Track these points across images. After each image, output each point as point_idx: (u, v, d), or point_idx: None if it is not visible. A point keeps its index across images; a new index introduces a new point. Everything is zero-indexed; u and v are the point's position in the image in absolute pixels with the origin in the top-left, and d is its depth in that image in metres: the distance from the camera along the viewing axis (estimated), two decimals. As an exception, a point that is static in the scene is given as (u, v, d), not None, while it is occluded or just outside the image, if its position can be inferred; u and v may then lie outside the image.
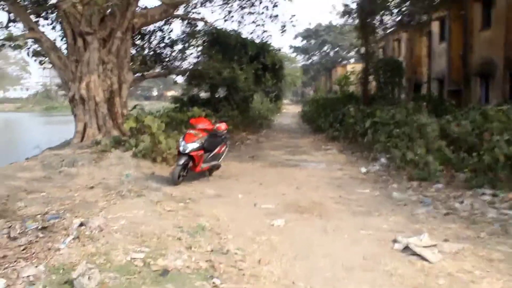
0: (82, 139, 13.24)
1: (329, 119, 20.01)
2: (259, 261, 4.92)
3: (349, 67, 41.08)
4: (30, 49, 13.97)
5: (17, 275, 4.14)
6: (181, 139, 9.25)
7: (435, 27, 23.04)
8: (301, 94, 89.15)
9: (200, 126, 9.53)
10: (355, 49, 33.63)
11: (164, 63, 19.13)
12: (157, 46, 19.05)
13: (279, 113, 42.24)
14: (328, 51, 78.71)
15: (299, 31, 76.68)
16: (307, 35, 77.55)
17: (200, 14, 20.55)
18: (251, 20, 21.09)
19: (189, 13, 19.81)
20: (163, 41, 19.22)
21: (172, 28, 23.31)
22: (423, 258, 4.94)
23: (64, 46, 14.57)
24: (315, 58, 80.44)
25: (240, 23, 20.92)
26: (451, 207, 7.15)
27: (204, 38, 20.88)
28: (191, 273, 4.45)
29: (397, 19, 23.42)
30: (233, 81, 19.65)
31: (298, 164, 12.15)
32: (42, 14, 15.27)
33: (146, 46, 18.60)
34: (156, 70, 19.14)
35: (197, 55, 21.30)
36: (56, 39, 15.16)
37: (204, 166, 9.43)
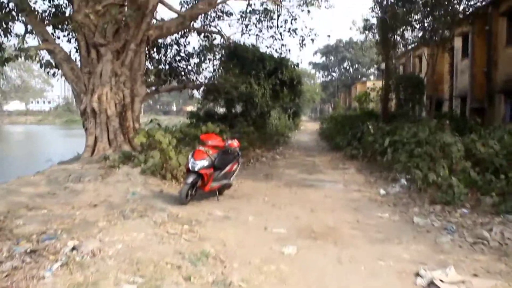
0: (92, 154, 12.92)
1: (348, 136, 19.48)
2: (264, 296, 4.42)
3: (369, 84, 40.45)
4: (43, 60, 13.71)
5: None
6: (190, 156, 8.79)
7: (458, 42, 22.37)
8: (320, 111, 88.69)
9: (210, 142, 9.05)
10: (375, 65, 33.13)
11: (179, 77, 18.80)
12: (172, 59, 18.74)
13: (297, 130, 41.75)
14: (347, 67, 78.38)
15: (319, 48, 76.73)
16: (327, 51, 77.44)
17: (217, 27, 20.04)
18: (269, 34, 20.78)
19: (206, 26, 19.54)
20: (179, 54, 18.93)
21: (189, 41, 23.07)
22: (450, 297, 4.39)
23: (78, 58, 14.34)
24: (335, 74, 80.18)
25: (258, 36, 20.60)
26: (479, 235, 6.52)
27: (221, 52, 20.56)
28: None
29: (418, 35, 22.84)
30: (250, 96, 19.29)
31: (314, 184, 11.61)
32: (58, 26, 15.12)
33: (161, 59, 18.31)
34: (171, 84, 18.79)
35: (213, 69, 20.99)
36: (71, 51, 15.01)
37: (214, 185, 8.94)
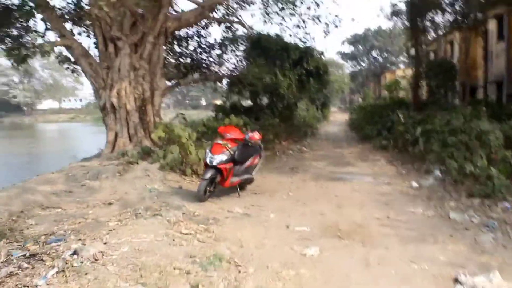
0: (112, 150, 12.64)
1: (377, 126, 18.80)
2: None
3: (399, 73, 39.26)
4: (61, 57, 13.51)
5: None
6: (207, 150, 8.33)
7: (492, 25, 21.17)
8: (349, 101, 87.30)
9: (229, 135, 8.55)
10: (405, 53, 32.03)
11: (201, 69, 18.36)
12: (194, 51, 18.31)
13: (326, 121, 41.04)
14: (376, 56, 76.73)
15: (347, 37, 75.31)
16: (355, 40, 75.90)
17: (239, 17, 19.40)
18: (292, 22, 20.14)
19: (227, 16, 19.00)
20: (200, 46, 18.48)
21: (210, 32, 22.57)
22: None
23: (97, 53, 14.08)
24: (363, 64, 78.61)
25: (280, 25, 19.96)
26: (525, 232, 5.89)
27: (244, 42, 20.02)
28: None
29: (450, 19, 21.78)
30: (275, 87, 18.70)
31: (341, 177, 11.01)
32: (77, 21, 14.88)
33: (182, 51, 17.91)
34: (193, 76, 18.38)
35: (236, 60, 20.47)
36: (90, 47, 14.78)
37: (234, 180, 8.46)
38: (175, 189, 8.97)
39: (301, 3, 18.91)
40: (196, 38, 18.40)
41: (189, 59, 18.14)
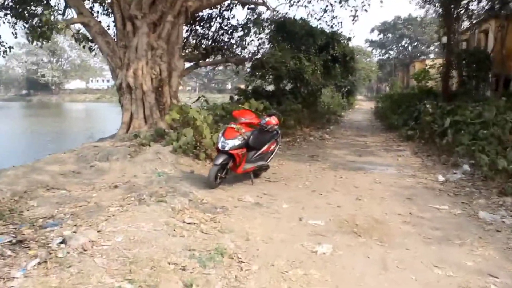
0: (127, 130, 12.32)
1: (404, 116, 18.09)
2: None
3: (428, 62, 38.02)
4: (78, 35, 13.18)
5: None
6: (220, 135, 7.87)
7: (531, 13, 20.13)
8: (376, 90, 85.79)
9: (243, 119, 8.07)
10: (436, 42, 30.87)
11: (222, 51, 17.85)
12: (215, 33, 17.81)
13: (351, 109, 40.29)
14: (406, 45, 75.00)
15: (376, 25, 73.81)
16: (384, 28, 74.38)
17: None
18: (319, 6, 19.44)
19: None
20: (222, 27, 17.94)
21: (233, 14, 22.00)
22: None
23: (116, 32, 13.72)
24: (392, 52, 76.97)
25: (306, 8, 19.27)
26: None
27: (269, 25, 19.40)
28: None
29: (485, 6, 20.73)
30: (300, 72, 18.09)
31: (363, 167, 10.44)
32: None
33: (204, 32, 17.41)
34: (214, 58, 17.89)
35: (258, 43, 19.87)
36: (109, 26, 14.42)
37: (247, 167, 7.99)
38: (186, 173, 8.56)
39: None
40: (218, 19, 17.88)
41: (210, 41, 17.63)
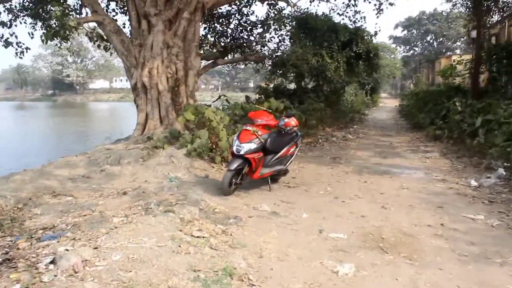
0: (142, 132, 11.94)
1: (430, 114, 17.30)
2: None
3: (455, 58, 36.85)
4: (92, 34, 12.86)
5: None
6: (235, 138, 7.38)
7: None
8: (400, 87, 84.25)
9: (260, 121, 7.56)
10: (463, 36, 29.79)
11: (241, 49, 17.36)
12: (234, 30, 17.32)
13: (375, 107, 39.43)
14: (431, 41, 73.35)
15: (400, 20, 72.48)
16: (409, 24, 72.95)
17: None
18: (341, 0, 18.80)
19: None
20: (241, 24, 17.45)
21: (253, 10, 21.51)
22: None
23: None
24: (417, 49, 75.39)
25: (328, 2, 18.64)
26: None
27: (289, 22, 18.84)
28: None
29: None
30: (322, 70, 17.49)
31: (388, 170, 9.81)
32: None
33: (223, 29, 16.94)
34: (233, 56, 17.42)
35: (279, 40, 19.32)
36: (125, 24, 14.08)
37: (264, 171, 7.48)
38: (200, 178, 8.12)
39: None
40: (237, 16, 17.40)
41: (229, 38, 17.16)
